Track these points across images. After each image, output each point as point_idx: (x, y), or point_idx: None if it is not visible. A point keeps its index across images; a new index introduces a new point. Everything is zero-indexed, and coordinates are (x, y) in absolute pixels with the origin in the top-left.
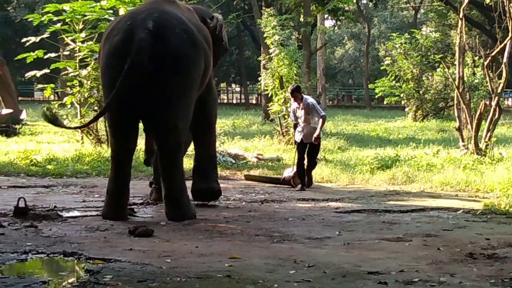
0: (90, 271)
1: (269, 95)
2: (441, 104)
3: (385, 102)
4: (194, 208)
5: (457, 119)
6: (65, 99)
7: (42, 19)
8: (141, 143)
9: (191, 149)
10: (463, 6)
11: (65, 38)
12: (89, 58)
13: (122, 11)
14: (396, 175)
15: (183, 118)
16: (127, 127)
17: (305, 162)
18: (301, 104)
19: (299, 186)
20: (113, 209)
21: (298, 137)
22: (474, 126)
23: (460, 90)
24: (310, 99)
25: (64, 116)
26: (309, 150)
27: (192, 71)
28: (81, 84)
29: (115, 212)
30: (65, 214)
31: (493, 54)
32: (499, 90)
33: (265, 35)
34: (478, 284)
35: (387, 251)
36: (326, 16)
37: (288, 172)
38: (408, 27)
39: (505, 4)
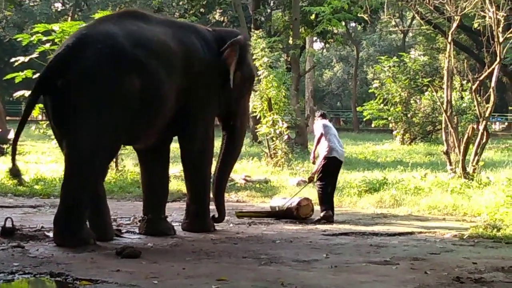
0: None
1: (258, 117)
2: (429, 128)
3: (373, 125)
4: (85, 234)
5: (444, 142)
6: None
7: (31, 39)
8: (127, 163)
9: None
10: (451, 30)
11: None
12: None
13: None
14: (384, 198)
15: (89, 141)
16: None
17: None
18: None
19: (318, 217)
20: (96, 230)
21: None
22: (461, 150)
23: (448, 113)
24: (318, 123)
25: (52, 136)
26: None
27: (109, 88)
28: None
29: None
30: (52, 234)
31: (481, 78)
32: (487, 114)
33: (254, 57)
34: None
35: (374, 274)
36: (315, 38)
37: (285, 201)
38: (397, 50)
39: (493, 29)
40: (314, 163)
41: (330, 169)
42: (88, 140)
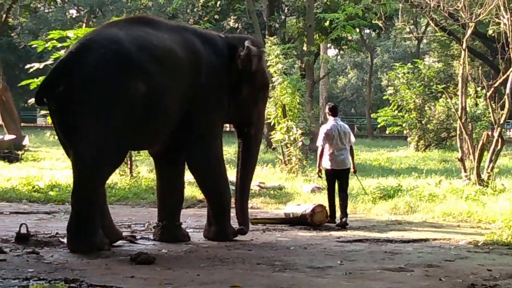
0: None
1: (272, 124)
2: (444, 134)
3: (387, 132)
4: (98, 240)
5: (459, 149)
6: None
7: (46, 45)
8: (141, 170)
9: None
10: (466, 37)
11: None
12: None
13: None
14: (398, 205)
15: (94, 146)
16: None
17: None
18: None
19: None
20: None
21: None
22: (476, 157)
23: (463, 120)
24: (322, 129)
25: None
26: None
27: (112, 93)
28: None
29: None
30: (66, 241)
31: (495, 85)
32: (501, 121)
33: (268, 64)
34: None
35: (389, 281)
36: (329, 45)
37: (299, 208)
38: (411, 57)
39: (508, 35)
40: (320, 177)
41: (330, 179)
42: (93, 146)
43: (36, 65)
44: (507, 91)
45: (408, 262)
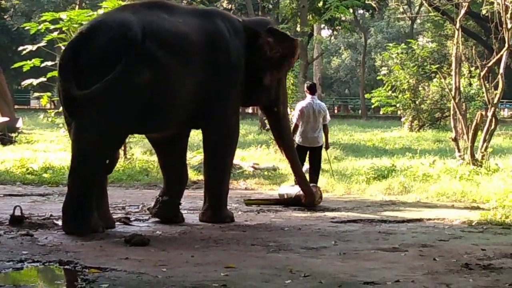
0: (86, 280)
1: None
2: (437, 115)
3: (381, 112)
4: (93, 222)
5: (453, 129)
6: (62, 107)
7: (39, 27)
8: (135, 152)
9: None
10: (459, 17)
11: (62, 47)
12: None
13: None
14: (392, 185)
15: (95, 132)
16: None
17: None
18: None
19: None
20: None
21: None
22: (470, 137)
23: (457, 100)
24: (300, 103)
25: (61, 125)
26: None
27: (116, 75)
28: None
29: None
30: (61, 222)
31: (489, 64)
32: (495, 101)
33: None
34: None
35: (383, 261)
36: (322, 26)
37: (293, 189)
38: (405, 37)
39: (501, 15)
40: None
41: (300, 153)
42: (94, 130)
43: (29, 47)
44: (501, 70)
45: (402, 242)
